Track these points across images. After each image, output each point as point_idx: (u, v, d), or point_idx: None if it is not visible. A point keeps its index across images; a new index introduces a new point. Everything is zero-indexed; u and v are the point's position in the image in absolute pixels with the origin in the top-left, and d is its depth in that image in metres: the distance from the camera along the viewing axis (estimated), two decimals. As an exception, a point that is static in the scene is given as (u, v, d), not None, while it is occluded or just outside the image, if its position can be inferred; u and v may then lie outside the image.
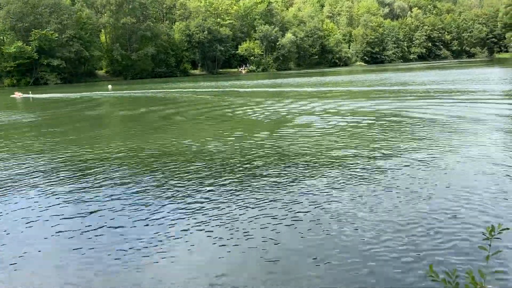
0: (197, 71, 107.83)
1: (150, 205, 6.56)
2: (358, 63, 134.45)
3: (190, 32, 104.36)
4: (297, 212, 5.97)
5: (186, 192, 7.08)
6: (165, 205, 6.55)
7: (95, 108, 25.97)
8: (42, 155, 10.73)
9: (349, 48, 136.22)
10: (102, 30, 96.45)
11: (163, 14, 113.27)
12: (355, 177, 7.51)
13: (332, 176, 7.64)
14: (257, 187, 7.16)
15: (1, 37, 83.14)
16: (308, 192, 6.80)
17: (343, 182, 7.27)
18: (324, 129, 12.76)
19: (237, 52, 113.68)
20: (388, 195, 6.51)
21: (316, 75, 63.65)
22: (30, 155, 10.80)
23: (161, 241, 5.24)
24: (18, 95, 43.27)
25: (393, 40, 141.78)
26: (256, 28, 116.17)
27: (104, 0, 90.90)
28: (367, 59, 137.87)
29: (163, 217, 6.04)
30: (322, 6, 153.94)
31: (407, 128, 12.34)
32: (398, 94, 24.06)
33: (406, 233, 5.17)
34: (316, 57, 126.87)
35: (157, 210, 6.33)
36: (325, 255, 4.69)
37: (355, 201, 6.34)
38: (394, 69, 75.30)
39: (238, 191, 7.01)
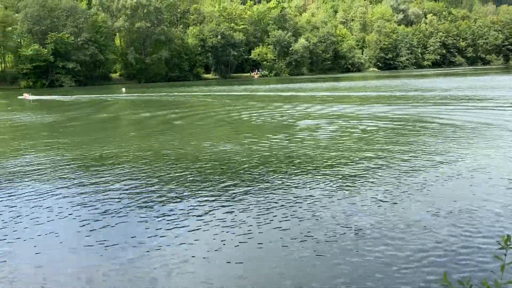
0: (210, 75, 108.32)
1: (162, 205, 6.59)
2: (371, 69, 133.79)
3: (204, 37, 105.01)
4: (311, 216, 5.94)
5: (197, 193, 7.10)
6: (176, 205, 6.57)
7: (108, 110, 26.22)
8: (57, 153, 10.86)
9: (362, 54, 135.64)
10: (117, 33, 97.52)
11: (177, 19, 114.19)
12: (370, 182, 7.46)
13: (348, 181, 7.59)
14: (271, 190, 7.15)
15: (19, 40, 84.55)
16: (321, 196, 6.76)
17: (358, 186, 7.23)
18: (339, 134, 12.71)
19: (250, 56, 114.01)
20: (403, 201, 6.45)
21: (329, 80, 63.52)
22: (46, 152, 10.93)
23: (173, 241, 5.25)
24: (26, 96, 44.01)
25: (407, 46, 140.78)
26: (269, 33, 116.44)
27: (119, 4, 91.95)
28: (380, 65, 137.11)
29: (176, 217, 6.06)
30: (336, 12, 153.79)
31: (425, 134, 12.23)
32: (414, 100, 23.87)
33: (420, 240, 5.11)
34: (329, 62, 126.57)
35: (169, 209, 6.35)
36: (338, 259, 4.65)
37: (368, 206, 6.29)
38: (408, 75, 74.78)
39: (251, 193, 7.00)
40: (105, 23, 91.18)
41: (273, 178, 8.04)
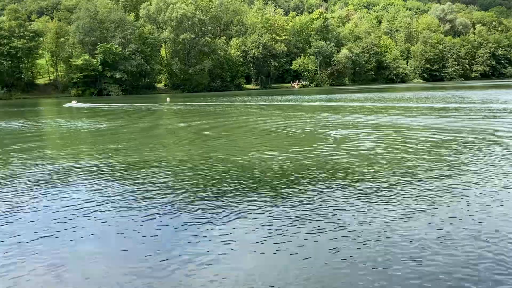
0: (250, 86, 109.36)
1: (197, 212, 6.55)
2: (416, 80, 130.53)
3: (246, 48, 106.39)
4: (342, 228, 5.70)
5: (233, 201, 7.00)
6: (212, 212, 6.50)
7: (153, 118, 26.83)
8: (102, 158, 11.12)
9: (407, 65, 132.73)
10: (163, 45, 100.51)
11: (221, 30, 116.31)
12: (407, 194, 7.10)
13: (384, 192, 7.28)
14: (309, 201, 6.95)
15: (70, 50, 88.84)
16: (357, 208, 6.50)
17: (392, 199, 6.90)
18: (385, 146, 12.31)
19: (291, 67, 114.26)
20: (438, 215, 6.08)
21: (373, 90, 62.34)
22: (91, 157, 11.22)
23: (207, 248, 5.17)
24: (73, 103, 46.96)
25: (453, 57, 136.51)
26: (311, 44, 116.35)
27: (165, 16, 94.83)
28: (426, 76, 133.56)
29: (216, 225, 5.98)
30: (380, 22, 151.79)
31: (479, 147, 11.62)
32: (465, 112, 22.91)
33: (444, 256, 4.76)
34: (372, 73, 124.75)
35: (203, 217, 6.29)
36: (366, 271, 4.41)
37: (399, 218, 5.97)
38: (456, 86, 72.25)
39: (290, 203, 6.84)
40: (152, 34, 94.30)
41: (313, 187, 7.83)
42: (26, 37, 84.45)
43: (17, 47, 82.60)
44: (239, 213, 6.41)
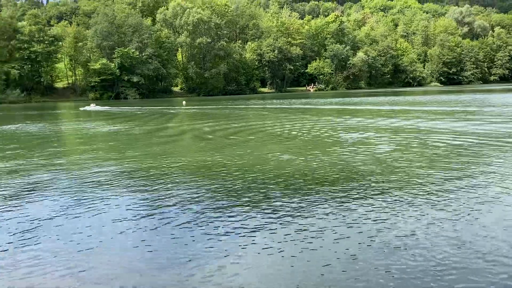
0: (265, 89, 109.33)
1: (217, 216, 6.56)
2: (433, 83, 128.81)
3: (261, 52, 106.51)
4: (365, 233, 5.65)
5: (254, 205, 7.01)
6: (232, 217, 6.51)
7: (170, 122, 27.02)
8: (119, 163, 11.24)
9: (423, 68, 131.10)
10: (179, 49, 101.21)
11: (236, 34, 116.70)
12: (429, 201, 7.00)
13: (404, 197, 7.20)
14: (325, 204, 6.92)
15: (88, 55, 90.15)
16: (377, 214, 6.44)
17: (414, 205, 6.81)
18: (405, 150, 12.18)
19: (306, 70, 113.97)
20: (461, 223, 5.98)
21: (389, 94, 61.75)
22: (108, 161, 11.36)
23: (227, 252, 5.19)
24: (91, 107, 48.28)
25: (472, 60, 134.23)
26: (327, 47, 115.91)
27: (182, 21, 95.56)
28: (443, 79, 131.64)
29: (235, 231, 6.00)
30: (396, 25, 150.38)
31: (496, 152, 11.41)
32: (485, 115, 22.54)
33: (466, 269, 4.67)
34: (388, 76, 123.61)
35: (224, 221, 6.31)
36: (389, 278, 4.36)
37: (421, 226, 5.87)
38: (474, 90, 71.11)
39: (306, 206, 6.82)
40: (168, 38, 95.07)
41: (334, 192, 7.78)
42: (46, 42, 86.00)
43: (37, 52, 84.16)
44: (258, 217, 6.42)
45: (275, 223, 6.07)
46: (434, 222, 5.96)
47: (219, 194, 7.61)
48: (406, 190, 7.56)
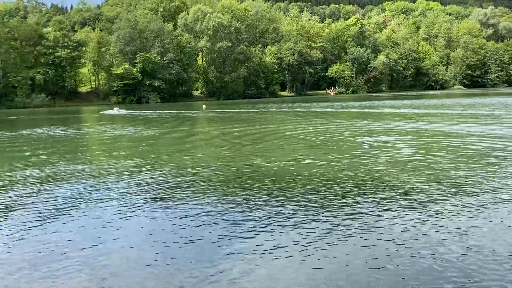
0: (285, 93, 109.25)
1: (239, 219, 6.51)
2: (456, 86, 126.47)
3: (281, 55, 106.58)
4: (389, 242, 5.49)
5: (274, 211, 6.92)
6: (254, 220, 6.45)
7: (190, 125, 27.18)
8: (141, 164, 11.31)
9: (446, 71, 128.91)
10: (200, 53, 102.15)
11: (256, 38, 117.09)
12: (462, 207, 6.79)
13: (433, 203, 6.99)
14: (349, 209, 6.78)
15: (111, 60, 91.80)
16: (405, 220, 6.27)
17: (444, 211, 6.61)
18: (426, 153, 11.91)
19: (326, 74, 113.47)
20: (491, 231, 5.76)
21: (412, 97, 60.81)
22: (130, 163, 11.44)
23: (247, 256, 5.12)
24: (116, 109, 49.39)
25: (497, 62, 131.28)
26: (348, 50, 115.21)
27: (202, 25, 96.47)
28: (467, 82, 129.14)
29: (253, 233, 5.93)
30: (418, 28, 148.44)
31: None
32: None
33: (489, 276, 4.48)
34: (410, 79, 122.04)
35: (245, 225, 6.25)
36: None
37: (454, 234, 5.67)
38: (500, 93, 69.43)
39: (329, 211, 6.70)
40: (189, 43, 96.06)
41: (357, 197, 7.63)
42: (70, 47, 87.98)
43: (61, 57, 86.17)
44: (279, 220, 6.34)
45: (297, 227, 5.98)
46: (467, 231, 5.74)
47: (240, 197, 7.56)
48: (434, 195, 7.36)
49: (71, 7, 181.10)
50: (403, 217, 6.26)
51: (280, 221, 6.21)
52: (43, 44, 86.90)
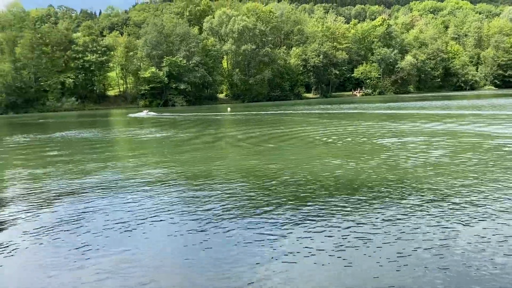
0: (310, 95, 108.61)
1: (264, 219, 6.46)
2: (487, 87, 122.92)
3: (306, 57, 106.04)
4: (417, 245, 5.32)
5: (299, 211, 6.83)
6: (277, 222, 6.37)
7: (215, 128, 27.32)
8: (169, 166, 11.39)
9: (476, 71, 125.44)
10: (225, 56, 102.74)
11: (281, 40, 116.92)
12: (499, 211, 6.53)
13: (464, 205, 6.76)
14: (378, 210, 6.62)
15: (139, 64, 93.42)
16: (436, 222, 6.07)
17: (477, 215, 6.36)
18: (461, 154, 11.57)
19: (352, 75, 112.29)
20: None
21: (441, 98, 59.43)
22: (158, 165, 11.55)
23: (272, 255, 5.06)
24: (146, 112, 50.41)
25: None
26: (374, 51, 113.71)
27: (227, 28, 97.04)
28: (498, 82, 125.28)
29: (277, 235, 5.86)
30: (447, 27, 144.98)
31: None
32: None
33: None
34: (439, 80, 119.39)
35: (271, 225, 6.19)
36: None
37: (489, 240, 5.44)
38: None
39: (357, 211, 6.56)
40: (214, 46, 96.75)
41: (388, 200, 7.46)
42: (99, 52, 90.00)
43: (90, 61, 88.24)
44: (309, 223, 6.26)
45: (324, 228, 5.89)
46: (509, 236, 5.52)
47: (266, 198, 7.51)
48: (466, 197, 7.12)
49: (100, 13, 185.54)
50: (439, 222, 6.07)
51: (310, 224, 6.13)
52: (73, 49, 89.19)
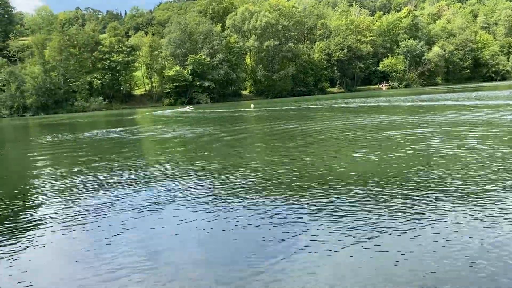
0: (335, 89, 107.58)
1: (288, 218, 6.32)
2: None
3: (330, 51, 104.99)
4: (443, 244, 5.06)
5: (331, 210, 6.66)
6: (309, 222, 6.22)
7: (239, 124, 27.32)
8: (195, 163, 11.39)
9: (508, 61, 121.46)
10: (248, 53, 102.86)
11: (304, 35, 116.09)
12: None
13: (499, 203, 6.42)
14: (404, 207, 6.37)
15: (163, 63, 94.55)
16: (466, 221, 5.78)
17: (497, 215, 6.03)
18: (498, 146, 11.11)
19: (377, 68, 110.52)
20: None
21: (471, 90, 57.69)
22: (183, 162, 11.55)
23: (293, 253, 4.91)
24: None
25: None
26: (400, 43, 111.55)
27: (250, 25, 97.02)
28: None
29: (300, 231, 5.71)
30: (475, 16, 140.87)
31: None
32: None
33: None
34: (468, 71, 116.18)
35: (293, 223, 6.05)
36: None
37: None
38: None
39: (380, 209, 6.33)
40: (237, 43, 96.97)
41: (416, 196, 7.19)
42: (124, 52, 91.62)
43: (117, 61, 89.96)
44: (339, 218, 6.11)
45: (355, 227, 5.71)
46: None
47: (289, 195, 7.38)
48: (503, 194, 6.79)
49: (125, 13, 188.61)
50: (469, 221, 5.80)
51: (340, 220, 5.97)
52: (100, 50, 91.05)
